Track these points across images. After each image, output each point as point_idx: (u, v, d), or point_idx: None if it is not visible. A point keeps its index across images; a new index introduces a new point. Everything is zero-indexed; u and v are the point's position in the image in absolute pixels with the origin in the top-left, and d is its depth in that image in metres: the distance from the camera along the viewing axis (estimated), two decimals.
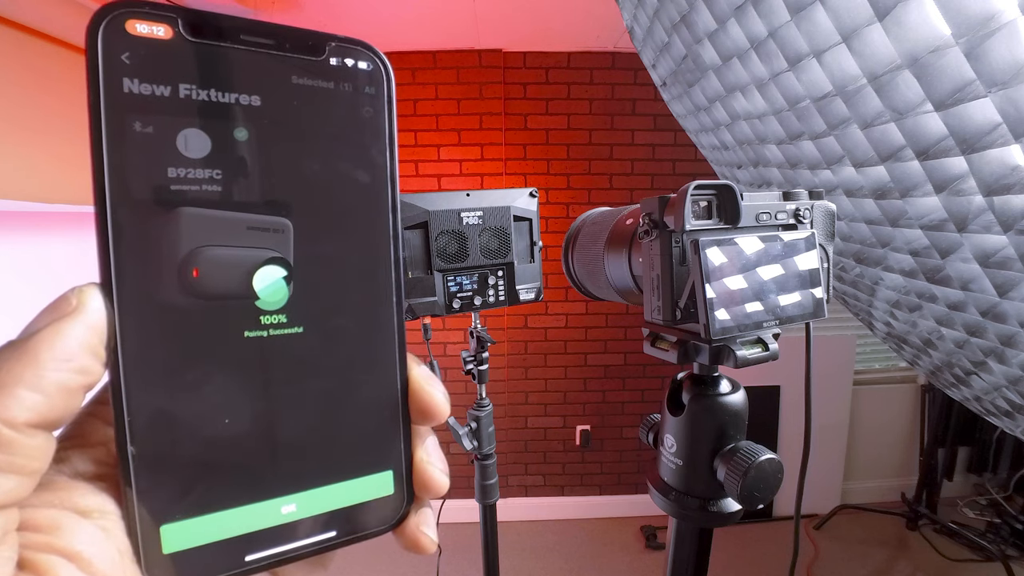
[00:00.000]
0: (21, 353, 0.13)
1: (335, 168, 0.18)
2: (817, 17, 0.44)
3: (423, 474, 0.20)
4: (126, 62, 0.15)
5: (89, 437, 0.16)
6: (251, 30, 0.16)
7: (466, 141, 2.08)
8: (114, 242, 0.15)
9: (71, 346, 0.14)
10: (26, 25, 1.17)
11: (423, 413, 0.20)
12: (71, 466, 0.15)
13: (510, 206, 0.76)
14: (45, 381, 0.13)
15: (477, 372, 0.92)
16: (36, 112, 1.19)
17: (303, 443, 0.18)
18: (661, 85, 0.85)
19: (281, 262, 0.17)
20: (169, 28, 0.15)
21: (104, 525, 0.15)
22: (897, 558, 2.00)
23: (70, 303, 0.14)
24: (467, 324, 0.92)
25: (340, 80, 0.18)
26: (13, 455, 0.13)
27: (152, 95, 0.15)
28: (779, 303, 0.33)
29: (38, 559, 0.13)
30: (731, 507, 0.36)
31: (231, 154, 0.16)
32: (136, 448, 0.15)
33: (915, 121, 0.42)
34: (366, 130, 0.18)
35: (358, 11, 1.72)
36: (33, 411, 0.13)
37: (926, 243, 0.52)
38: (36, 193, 1.19)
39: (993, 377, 0.61)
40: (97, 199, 0.15)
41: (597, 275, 0.44)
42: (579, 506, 2.31)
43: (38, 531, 0.13)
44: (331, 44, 0.18)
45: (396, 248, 0.19)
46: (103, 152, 0.15)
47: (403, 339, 0.19)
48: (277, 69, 0.17)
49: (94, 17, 0.14)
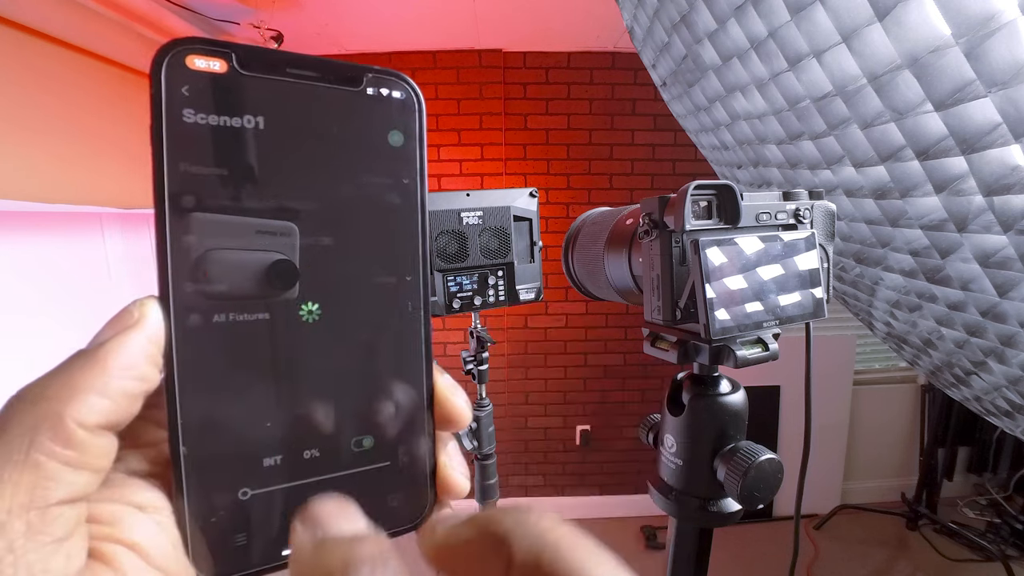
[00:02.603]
0: (92, 362, 0.15)
1: (372, 189, 0.20)
2: (817, 17, 0.44)
3: (446, 478, 0.21)
4: (186, 94, 0.16)
5: (142, 438, 0.17)
6: (296, 63, 0.18)
7: (466, 141, 2.08)
8: (172, 260, 0.16)
9: (134, 356, 0.15)
10: (26, 25, 1.17)
11: (447, 420, 0.21)
12: (126, 464, 0.17)
13: (510, 206, 0.76)
14: (112, 388, 0.15)
15: (477, 372, 0.92)
16: (36, 112, 1.19)
17: (339, 445, 0.19)
18: (661, 85, 0.85)
19: (319, 273, 0.19)
20: (224, 63, 0.17)
21: (158, 519, 0.16)
22: (897, 558, 2.00)
23: (132, 316, 0.16)
24: (467, 324, 0.92)
25: (377, 107, 0.20)
26: (85, 454, 0.14)
27: (209, 124, 0.17)
28: (779, 303, 0.33)
29: (105, 549, 0.15)
30: (731, 507, 0.36)
31: (278, 176, 0.18)
32: (187, 448, 0.17)
33: (915, 121, 0.42)
34: (400, 154, 0.20)
35: (358, 11, 1.72)
36: (102, 414, 0.14)
37: (926, 243, 0.52)
38: (36, 193, 1.19)
39: (993, 377, 0.61)
40: (158, 219, 0.16)
41: (597, 275, 0.44)
42: (579, 506, 2.31)
43: (102, 523, 0.15)
44: (368, 75, 0.19)
45: (424, 266, 0.21)
46: (164, 177, 0.16)
47: (430, 350, 0.21)
48: (321, 99, 0.19)
49: (158, 52, 0.16)
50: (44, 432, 0.13)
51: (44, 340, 1.31)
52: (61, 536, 0.13)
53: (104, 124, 1.34)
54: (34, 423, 0.13)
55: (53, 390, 0.14)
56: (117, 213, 1.57)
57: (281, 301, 0.18)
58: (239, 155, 0.17)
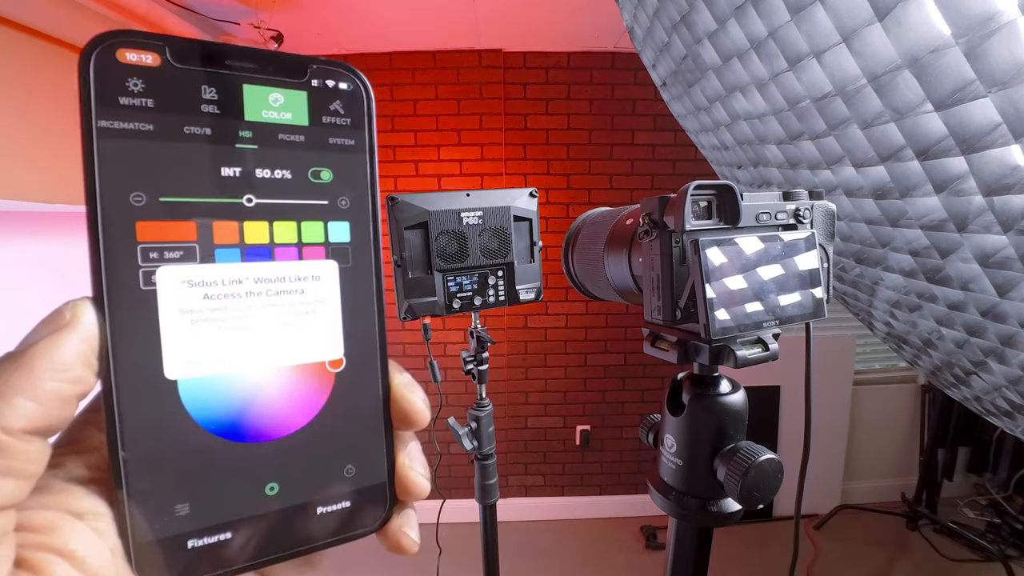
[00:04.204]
0: (18, 364, 0.14)
1: (317, 179, 0.19)
2: (817, 17, 0.44)
3: (404, 479, 0.20)
4: (116, 87, 0.16)
5: (83, 443, 0.17)
6: (234, 55, 0.17)
7: (466, 141, 2.08)
8: (105, 258, 0.16)
9: (66, 357, 0.15)
10: (26, 25, 1.17)
11: (404, 419, 0.20)
12: (66, 471, 0.16)
13: (510, 206, 0.76)
14: (40, 390, 0.14)
15: (477, 372, 0.92)
16: (36, 112, 1.19)
17: (289, 447, 0.19)
18: (661, 85, 0.85)
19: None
20: (157, 56, 0.16)
21: (97, 526, 0.15)
22: (897, 558, 2.00)
23: (64, 316, 0.15)
24: (467, 324, 0.92)
25: (322, 99, 0.19)
26: (11, 460, 0.13)
27: (140, 118, 0.16)
28: (779, 303, 0.33)
29: (34, 557, 0.14)
30: (731, 507, 0.36)
31: (216, 170, 0.17)
32: (127, 452, 0.16)
33: (915, 121, 0.42)
34: (348, 144, 0.20)
35: (358, 11, 1.72)
36: (29, 419, 0.14)
37: (926, 243, 0.52)
38: (36, 193, 1.19)
39: (993, 377, 0.61)
40: (89, 216, 0.16)
41: (597, 275, 0.44)
42: (579, 506, 2.31)
43: (34, 531, 0.14)
44: (312, 66, 0.19)
45: (377, 258, 0.20)
46: (95, 172, 0.16)
47: (384, 347, 0.20)
48: (261, 91, 0.18)
49: (86, 46, 0.15)
50: None
51: None
52: None
53: None
54: None
55: None
56: None
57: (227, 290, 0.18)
58: (172, 149, 0.17)
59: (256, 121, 0.18)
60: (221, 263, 0.17)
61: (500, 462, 1.46)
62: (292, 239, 0.19)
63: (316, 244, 0.19)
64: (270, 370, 0.18)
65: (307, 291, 0.19)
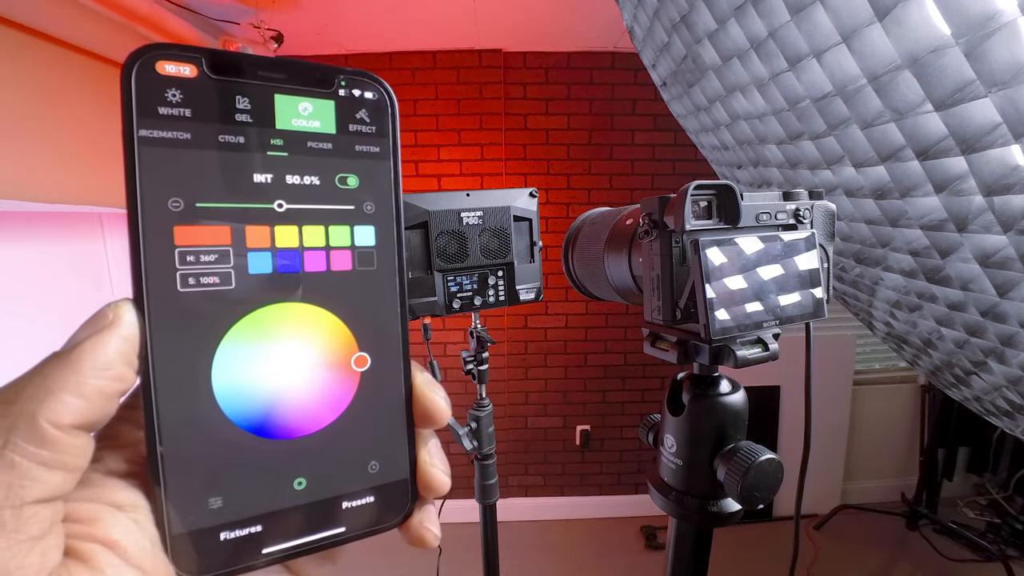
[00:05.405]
0: (66, 363, 0.15)
1: (344, 185, 0.20)
2: (817, 17, 0.44)
3: (426, 475, 0.21)
4: (155, 98, 0.17)
5: (120, 439, 0.17)
6: (266, 66, 0.18)
7: (466, 141, 2.08)
8: (145, 261, 0.16)
9: (109, 356, 0.15)
10: (26, 25, 1.17)
11: (426, 417, 0.21)
12: (105, 465, 0.17)
13: (510, 206, 0.76)
14: (86, 387, 0.15)
15: (477, 372, 0.92)
16: (36, 112, 1.19)
17: (316, 443, 0.19)
18: (661, 85, 0.85)
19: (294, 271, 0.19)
20: (194, 67, 0.17)
21: (136, 518, 0.16)
22: (897, 558, 2.00)
23: (107, 317, 0.16)
24: (467, 324, 0.92)
25: (349, 108, 0.20)
26: (60, 453, 0.14)
27: (178, 127, 0.17)
28: (779, 303, 0.33)
29: (82, 547, 0.15)
30: (731, 507, 0.36)
31: (249, 176, 0.18)
32: (165, 448, 0.17)
33: (915, 121, 0.42)
34: (373, 151, 0.20)
35: (358, 11, 1.72)
36: (76, 414, 0.14)
37: (926, 243, 0.52)
38: (36, 193, 1.19)
39: (993, 377, 0.61)
40: (131, 221, 0.16)
41: (597, 275, 0.44)
42: (579, 506, 2.31)
43: (80, 522, 0.15)
44: (340, 76, 0.20)
45: (401, 259, 0.21)
46: (136, 180, 0.16)
47: (407, 347, 0.21)
48: (291, 100, 0.19)
49: (127, 59, 0.16)
50: (18, 432, 0.14)
51: (45, 340, 1.31)
52: (36, 535, 0.14)
53: (104, 124, 1.34)
54: (9, 424, 0.14)
55: (28, 391, 0.14)
56: (117, 213, 1.57)
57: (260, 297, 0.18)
58: (209, 157, 0.17)
59: (287, 129, 0.19)
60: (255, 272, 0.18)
61: (500, 462, 1.46)
62: (320, 243, 0.19)
63: (343, 248, 0.20)
64: (299, 369, 0.19)
65: (334, 293, 0.20)
